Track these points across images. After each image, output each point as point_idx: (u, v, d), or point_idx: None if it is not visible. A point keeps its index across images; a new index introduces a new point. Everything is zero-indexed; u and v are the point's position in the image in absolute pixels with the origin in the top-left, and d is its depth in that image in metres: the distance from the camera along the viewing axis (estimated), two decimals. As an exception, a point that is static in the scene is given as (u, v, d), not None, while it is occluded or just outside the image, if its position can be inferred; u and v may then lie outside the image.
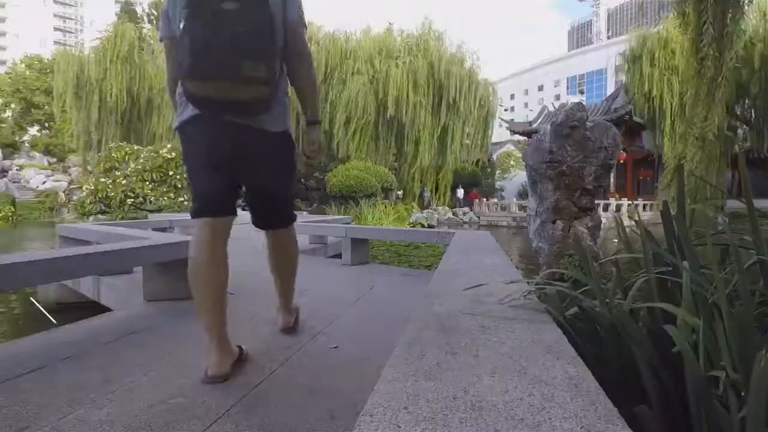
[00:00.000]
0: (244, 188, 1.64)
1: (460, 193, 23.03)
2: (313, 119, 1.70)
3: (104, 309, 3.11)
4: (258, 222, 1.75)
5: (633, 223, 1.66)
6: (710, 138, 4.26)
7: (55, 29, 70.39)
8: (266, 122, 1.47)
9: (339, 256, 5.04)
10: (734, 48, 4.25)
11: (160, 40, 1.60)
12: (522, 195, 25.06)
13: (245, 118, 1.42)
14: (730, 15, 4.19)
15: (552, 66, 69.37)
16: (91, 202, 10.90)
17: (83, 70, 17.12)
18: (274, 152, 1.55)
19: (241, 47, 1.31)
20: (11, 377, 1.55)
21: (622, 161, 20.95)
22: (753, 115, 16.64)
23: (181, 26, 1.34)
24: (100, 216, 10.63)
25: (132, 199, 10.99)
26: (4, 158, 29.26)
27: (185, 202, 11.22)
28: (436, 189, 22.01)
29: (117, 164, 12.30)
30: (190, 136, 1.48)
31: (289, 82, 1.61)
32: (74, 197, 20.64)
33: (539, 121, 22.53)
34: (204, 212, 1.47)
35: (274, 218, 1.74)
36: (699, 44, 4.20)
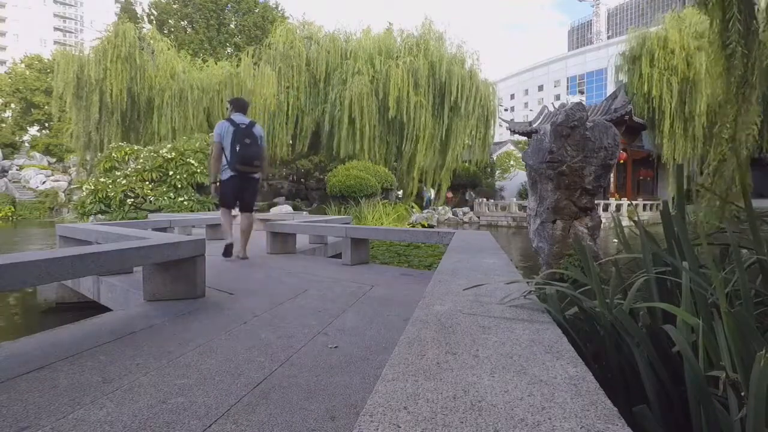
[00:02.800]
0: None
1: (431, 193, 22.35)
2: (264, 174, 4.59)
3: (104, 309, 3.11)
4: (240, 209, 4.37)
5: (632, 223, 1.66)
6: (743, 140, 4.14)
7: (55, 29, 70.33)
8: (254, 174, 4.27)
9: (339, 256, 5.04)
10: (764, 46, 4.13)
11: (215, 141, 4.14)
12: (522, 195, 25.05)
13: (251, 174, 4.23)
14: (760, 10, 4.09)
15: (552, 66, 69.31)
16: (91, 202, 10.87)
17: (83, 70, 17.03)
18: (253, 185, 4.34)
19: (254, 155, 4.13)
20: (11, 377, 1.55)
21: (622, 161, 20.91)
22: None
23: (238, 148, 4.02)
24: (100, 216, 10.61)
25: (132, 199, 10.97)
26: (4, 158, 29.25)
27: (185, 202, 11.21)
28: (434, 189, 22.02)
29: (117, 164, 12.29)
30: (228, 183, 4.15)
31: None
32: (74, 197, 20.63)
33: (539, 121, 22.51)
34: (227, 206, 4.30)
35: (247, 209, 4.38)
36: (726, 40, 4.08)
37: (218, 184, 4.21)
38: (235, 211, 4.44)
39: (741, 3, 3.94)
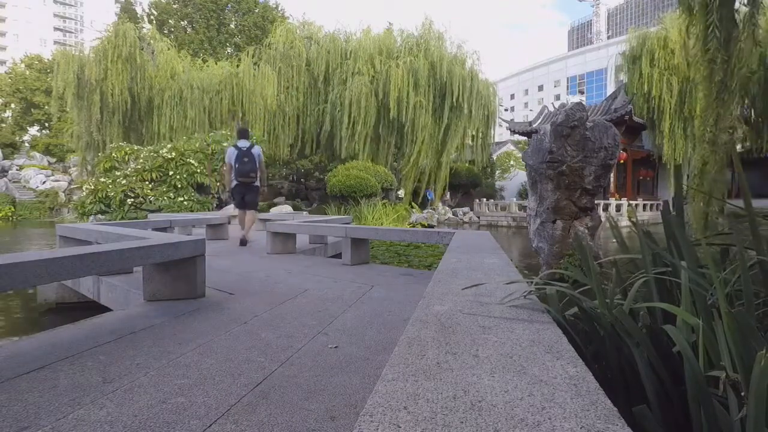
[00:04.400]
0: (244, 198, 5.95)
1: (430, 194, 22.72)
2: (263, 186, 6.19)
3: (104, 309, 3.11)
4: (244, 207, 5.97)
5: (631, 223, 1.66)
6: (723, 142, 4.17)
7: (55, 29, 70.29)
8: (253, 183, 5.89)
9: (339, 256, 5.04)
10: (744, 53, 4.16)
11: (225, 162, 6.01)
12: (522, 195, 25.04)
13: (249, 183, 5.85)
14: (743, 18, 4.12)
15: (552, 66, 69.28)
16: (91, 202, 10.87)
17: (83, 70, 17.01)
18: (253, 190, 5.96)
19: (249, 170, 5.76)
20: (11, 377, 1.55)
21: (622, 161, 20.90)
22: (752, 115, 16.60)
23: (237, 166, 5.71)
24: (100, 216, 10.62)
25: (132, 199, 10.97)
26: (4, 158, 29.23)
27: (185, 202, 11.23)
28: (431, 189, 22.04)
29: (117, 164, 12.29)
30: (234, 189, 5.91)
31: (259, 173, 5.92)
32: (74, 197, 20.64)
33: (539, 121, 22.51)
34: (239, 207, 6.07)
35: (249, 207, 5.99)
36: (705, 47, 4.11)
37: (230, 192, 6.12)
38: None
39: (722, 9, 3.95)
